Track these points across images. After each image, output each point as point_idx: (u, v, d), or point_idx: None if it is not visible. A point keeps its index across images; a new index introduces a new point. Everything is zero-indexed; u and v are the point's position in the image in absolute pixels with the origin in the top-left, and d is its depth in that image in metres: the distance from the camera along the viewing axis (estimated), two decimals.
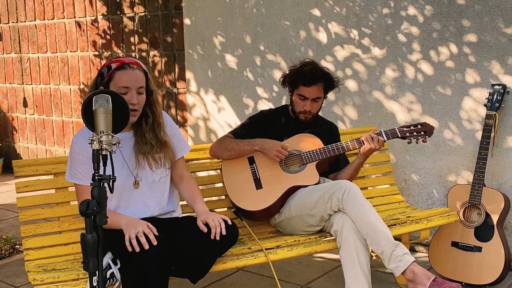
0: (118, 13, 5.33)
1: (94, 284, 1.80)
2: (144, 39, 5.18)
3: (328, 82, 3.09)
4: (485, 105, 3.30)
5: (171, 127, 2.67)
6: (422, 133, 2.98)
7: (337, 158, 3.15)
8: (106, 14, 5.44)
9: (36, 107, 6.34)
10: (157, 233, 2.30)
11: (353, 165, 3.08)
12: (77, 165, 2.43)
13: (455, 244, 3.23)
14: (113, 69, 2.41)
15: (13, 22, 6.40)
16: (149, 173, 2.55)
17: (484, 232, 3.17)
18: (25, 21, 6.25)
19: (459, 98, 3.56)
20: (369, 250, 2.75)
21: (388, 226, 2.78)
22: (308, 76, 3.02)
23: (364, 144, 2.93)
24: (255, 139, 3.04)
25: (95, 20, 5.54)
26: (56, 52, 5.98)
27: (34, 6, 6.09)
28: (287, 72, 3.14)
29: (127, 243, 2.25)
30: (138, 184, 2.52)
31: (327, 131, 3.23)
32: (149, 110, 2.53)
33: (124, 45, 5.35)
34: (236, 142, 3.04)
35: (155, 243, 2.25)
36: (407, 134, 2.97)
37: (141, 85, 2.44)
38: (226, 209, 3.18)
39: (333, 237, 2.81)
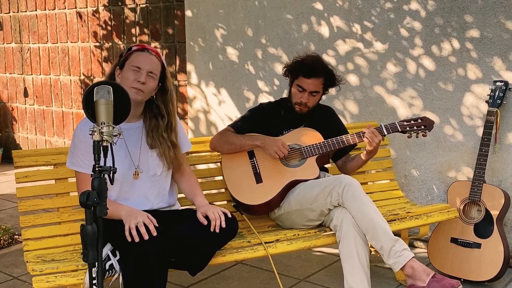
0: (120, 4, 5.30)
1: (94, 275, 1.80)
2: (145, 30, 5.16)
3: (328, 78, 3.07)
4: (486, 101, 3.29)
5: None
6: (422, 127, 2.97)
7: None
8: (107, 5, 5.41)
9: (36, 97, 6.32)
10: (157, 224, 2.30)
11: (361, 160, 3.05)
12: (80, 152, 2.43)
13: (454, 240, 3.23)
14: (132, 50, 2.49)
15: (13, 12, 6.37)
16: (151, 166, 2.55)
17: (483, 228, 3.17)
18: (26, 11, 6.23)
19: (460, 94, 3.55)
20: (368, 245, 2.76)
21: (388, 221, 2.79)
22: (310, 67, 3.02)
23: (364, 137, 2.90)
24: (257, 134, 3.03)
25: (96, 11, 5.52)
26: (57, 43, 5.96)
27: None
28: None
29: (127, 233, 2.25)
30: (138, 175, 2.52)
31: (326, 118, 3.20)
32: (164, 108, 2.55)
33: (125, 37, 5.33)
34: (237, 136, 3.03)
35: (155, 233, 2.25)
36: (407, 128, 2.97)
37: (153, 70, 2.47)
38: (225, 202, 3.17)
39: (332, 232, 2.81)
